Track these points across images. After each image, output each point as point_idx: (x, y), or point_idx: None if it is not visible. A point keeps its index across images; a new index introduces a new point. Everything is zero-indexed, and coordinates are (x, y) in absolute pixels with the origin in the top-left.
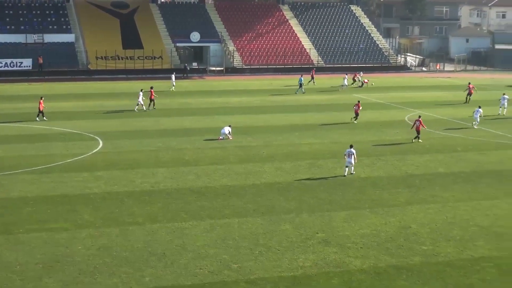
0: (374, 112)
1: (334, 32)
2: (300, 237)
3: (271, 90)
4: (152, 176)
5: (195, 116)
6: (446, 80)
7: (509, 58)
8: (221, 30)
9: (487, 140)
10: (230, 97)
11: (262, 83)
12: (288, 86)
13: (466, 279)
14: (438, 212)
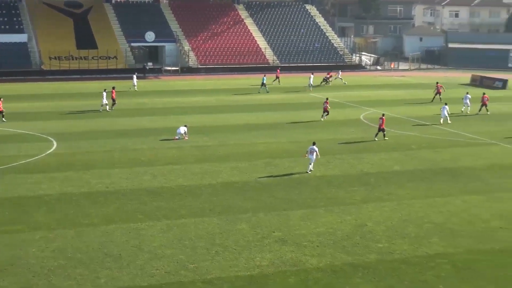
0: (330, 111)
1: (289, 31)
2: (256, 236)
3: (232, 90)
4: (107, 177)
5: (150, 116)
6: (400, 79)
7: (462, 57)
8: (176, 30)
9: (441, 138)
10: (186, 97)
11: (217, 83)
12: (253, 85)
13: (421, 275)
14: (393, 210)
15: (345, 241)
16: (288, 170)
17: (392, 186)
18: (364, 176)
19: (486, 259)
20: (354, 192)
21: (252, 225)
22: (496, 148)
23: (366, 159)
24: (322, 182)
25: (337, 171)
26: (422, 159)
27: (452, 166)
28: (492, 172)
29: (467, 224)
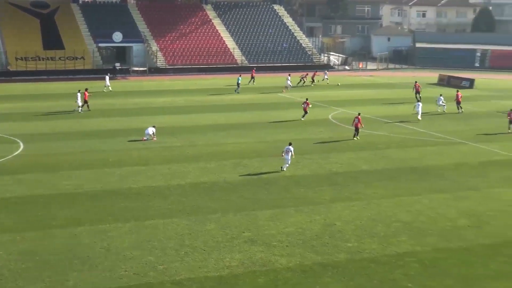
0: (298, 111)
1: (257, 31)
2: (226, 236)
3: (201, 90)
4: (75, 178)
5: (118, 117)
6: (368, 79)
7: (429, 56)
8: (143, 30)
9: (409, 137)
10: (154, 97)
11: (186, 83)
12: (223, 86)
13: (390, 274)
14: (362, 209)
15: (314, 240)
16: (257, 170)
17: (360, 186)
18: (332, 176)
19: (453, 257)
20: (323, 191)
21: (221, 225)
22: (463, 147)
23: (334, 158)
24: (291, 182)
25: (306, 171)
26: (390, 158)
27: (420, 165)
28: (459, 171)
29: (434, 222)
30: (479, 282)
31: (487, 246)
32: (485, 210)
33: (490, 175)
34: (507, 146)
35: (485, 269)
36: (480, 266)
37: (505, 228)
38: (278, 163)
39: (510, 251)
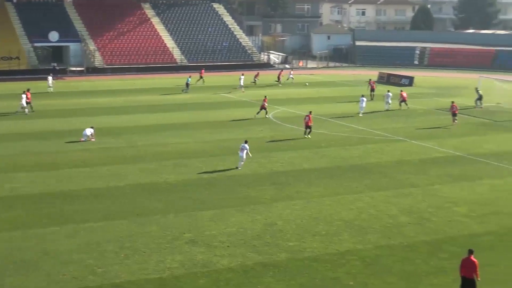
0: (238, 110)
1: (196, 30)
2: (166, 238)
3: (140, 90)
4: (11, 181)
5: (55, 118)
6: (309, 77)
7: (369, 54)
8: (81, 29)
9: (350, 135)
10: (92, 97)
11: (125, 83)
12: (163, 86)
13: (332, 273)
14: (303, 208)
15: (255, 240)
16: (198, 170)
17: (302, 185)
18: (274, 175)
19: (394, 254)
20: (264, 191)
21: (162, 226)
22: (404, 144)
23: (275, 158)
24: (232, 182)
25: (247, 171)
26: (331, 156)
27: (360, 163)
28: (399, 168)
29: (376, 220)
30: (421, 279)
31: (428, 242)
32: (425, 207)
33: (430, 172)
34: (446, 143)
35: (426, 266)
36: (421, 263)
37: (445, 225)
38: (219, 163)
39: (450, 247)
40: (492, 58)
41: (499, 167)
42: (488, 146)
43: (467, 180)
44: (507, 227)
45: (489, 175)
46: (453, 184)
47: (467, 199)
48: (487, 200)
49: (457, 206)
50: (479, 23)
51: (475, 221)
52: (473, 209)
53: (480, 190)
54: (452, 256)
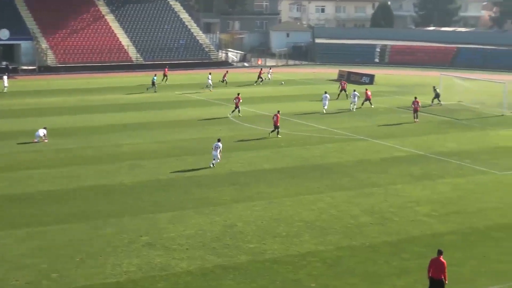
0: (196, 109)
1: (152, 28)
2: (123, 241)
3: (94, 89)
4: None
5: (7, 118)
6: (268, 76)
7: (329, 52)
8: (32, 27)
9: (310, 134)
10: (44, 97)
11: (78, 82)
12: (123, 85)
13: (294, 275)
14: (264, 209)
15: (215, 242)
16: (155, 171)
17: (262, 185)
18: (233, 175)
19: (356, 255)
20: (224, 192)
21: (118, 229)
22: (365, 143)
23: (235, 158)
24: (191, 182)
25: (206, 171)
26: (292, 156)
27: (321, 163)
28: (361, 168)
29: (337, 220)
30: (383, 280)
31: (390, 243)
32: (387, 207)
33: (391, 172)
34: (407, 142)
35: (388, 266)
36: (384, 264)
37: (407, 225)
38: (177, 164)
39: (412, 248)
40: (453, 56)
41: (461, 166)
42: (450, 144)
43: (429, 179)
44: (470, 227)
45: (451, 174)
46: (415, 183)
47: (429, 198)
48: (449, 199)
49: (419, 205)
50: (439, 20)
51: (437, 221)
52: (436, 208)
53: (442, 189)
54: (415, 257)
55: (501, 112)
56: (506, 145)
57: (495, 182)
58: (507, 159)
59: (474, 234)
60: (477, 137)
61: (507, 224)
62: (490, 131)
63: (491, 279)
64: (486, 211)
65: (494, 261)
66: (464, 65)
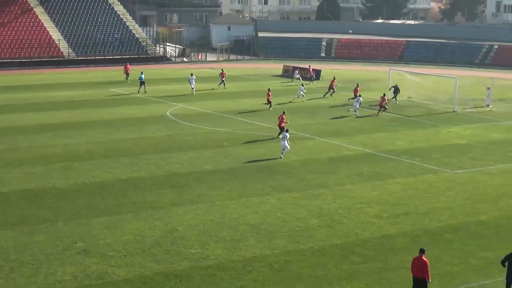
0: (132, 107)
1: (85, 21)
2: (56, 248)
3: (23, 87)
4: None
5: None
6: (209, 71)
7: (273, 46)
8: None
9: (253, 133)
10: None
11: (5, 79)
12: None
13: (238, 281)
14: (206, 212)
15: (154, 248)
16: (89, 173)
17: (203, 187)
18: (173, 177)
19: (304, 260)
20: (163, 195)
21: (51, 236)
22: (311, 142)
23: (174, 158)
24: (128, 185)
25: (143, 173)
26: (235, 156)
27: (266, 163)
28: (307, 168)
29: (283, 223)
30: (332, 284)
31: (339, 246)
32: (336, 208)
33: (339, 172)
34: (355, 141)
35: (338, 270)
36: (333, 267)
37: (356, 227)
38: (113, 165)
39: (362, 251)
40: (402, 50)
41: (412, 165)
42: (400, 142)
43: (379, 179)
44: (421, 228)
45: (402, 173)
46: (364, 183)
47: (379, 199)
48: (399, 200)
49: (369, 206)
50: (388, 13)
51: (387, 222)
52: (386, 209)
53: (392, 189)
54: (365, 260)
55: (452, 108)
56: (458, 142)
57: (446, 181)
58: (459, 157)
59: (426, 235)
60: (428, 135)
61: (459, 225)
62: (442, 128)
63: (443, 282)
64: (438, 211)
65: (447, 264)
66: (414, 59)
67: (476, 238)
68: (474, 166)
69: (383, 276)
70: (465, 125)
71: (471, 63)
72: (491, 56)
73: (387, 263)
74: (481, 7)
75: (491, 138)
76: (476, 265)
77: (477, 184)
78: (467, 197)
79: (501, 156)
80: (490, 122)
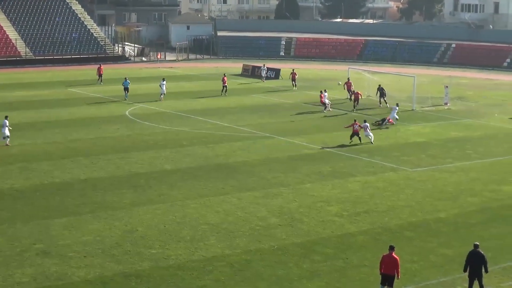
0: (90, 107)
1: (43, 20)
2: (15, 250)
3: None
4: None
5: None
6: (168, 71)
7: (232, 45)
8: None
9: (213, 132)
10: None
11: None
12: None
13: (199, 281)
14: (166, 212)
15: (115, 249)
16: (48, 174)
17: (163, 187)
18: (133, 177)
19: (265, 259)
20: (123, 195)
21: (8, 237)
22: (271, 141)
23: (134, 158)
24: (87, 186)
25: (103, 173)
26: (195, 156)
27: (226, 162)
28: (268, 167)
29: (244, 223)
30: (294, 283)
31: (300, 244)
32: (296, 207)
33: (300, 170)
34: (315, 139)
35: (299, 269)
36: (294, 266)
37: (317, 225)
38: (71, 165)
39: (322, 249)
40: (361, 49)
41: (371, 163)
42: (362, 141)
43: (339, 177)
44: (381, 226)
45: (361, 171)
46: (324, 182)
47: (339, 197)
48: (359, 198)
49: (329, 205)
50: (347, 12)
51: (348, 221)
52: (346, 208)
53: (352, 187)
54: (326, 258)
55: (410, 106)
56: (416, 140)
57: (406, 179)
58: (418, 155)
59: (386, 233)
60: (388, 133)
61: (419, 222)
62: (401, 126)
63: (404, 280)
64: (398, 209)
65: (407, 261)
66: (373, 58)
67: (436, 236)
68: (433, 164)
69: (344, 274)
70: (424, 123)
71: (429, 62)
72: (449, 55)
73: (348, 261)
74: (439, 6)
75: (449, 136)
76: (435, 262)
77: (436, 182)
78: (427, 195)
79: (460, 154)
80: (448, 120)
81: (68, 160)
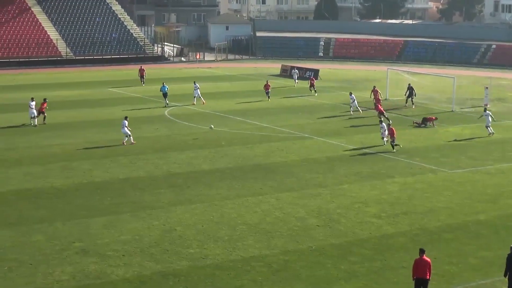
0: (130, 107)
1: (83, 21)
2: (54, 248)
3: (20, 86)
4: None
5: None
6: (207, 71)
7: (271, 46)
8: None
9: (252, 133)
10: None
11: (3, 79)
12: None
13: (237, 281)
14: (204, 212)
15: (153, 248)
16: (88, 173)
17: (201, 187)
18: (171, 177)
19: (303, 259)
20: (161, 194)
21: (49, 236)
22: (309, 142)
23: (172, 158)
24: (126, 185)
25: (142, 173)
26: (233, 156)
27: (265, 163)
28: (306, 167)
29: (282, 223)
30: (331, 284)
31: (338, 245)
32: (334, 208)
33: (337, 171)
34: (354, 140)
35: (336, 270)
36: (331, 267)
37: (354, 226)
38: (111, 165)
39: (360, 250)
40: (400, 49)
41: (410, 164)
42: (399, 142)
43: (377, 178)
44: (419, 228)
45: (400, 173)
46: (363, 183)
47: (377, 198)
48: (398, 200)
49: (368, 206)
50: (386, 12)
51: (386, 222)
52: (384, 209)
53: (390, 189)
54: (363, 259)
55: (450, 108)
56: (456, 142)
57: (445, 181)
58: (457, 156)
59: (424, 235)
60: (427, 134)
61: (458, 224)
62: (440, 128)
63: (442, 282)
64: (436, 211)
65: (445, 263)
66: (412, 58)
67: (475, 238)
68: (472, 166)
69: (381, 275)
70: (464, 125)
71: (469, 63)
72: (489, 56)
73: (386, 262)
74: (479, 6)
75: (489, 138)
76: (475, 265)
77: (476, 184)
78: (466, 197)
79: (500, 156)
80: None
81: (107, 160)
